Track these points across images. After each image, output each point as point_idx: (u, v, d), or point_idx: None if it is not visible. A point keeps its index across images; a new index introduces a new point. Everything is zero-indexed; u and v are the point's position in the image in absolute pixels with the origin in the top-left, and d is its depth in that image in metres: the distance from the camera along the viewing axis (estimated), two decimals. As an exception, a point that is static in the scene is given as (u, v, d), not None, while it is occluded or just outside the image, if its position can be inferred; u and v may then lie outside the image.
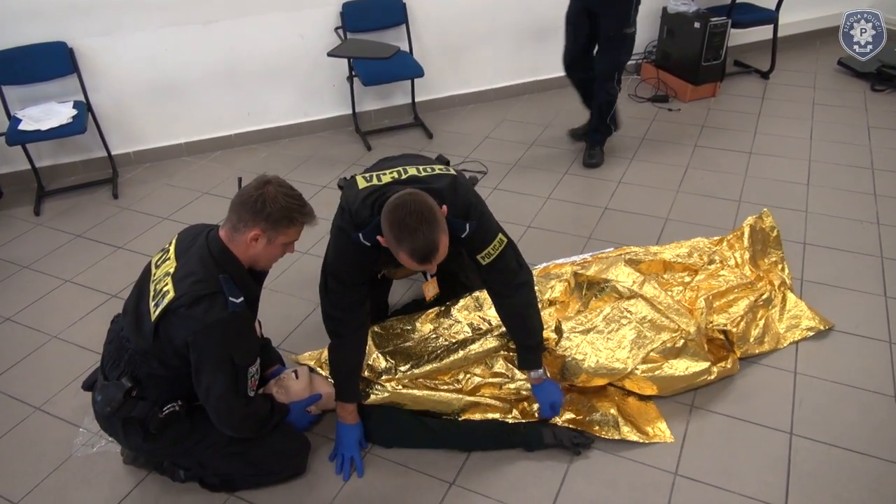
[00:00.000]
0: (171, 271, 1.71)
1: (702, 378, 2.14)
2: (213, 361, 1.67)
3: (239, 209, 1.70)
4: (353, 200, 1.85)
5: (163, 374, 1.74)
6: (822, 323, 2.40)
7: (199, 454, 1.87)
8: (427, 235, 1.65)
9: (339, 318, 1.99)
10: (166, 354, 1.70)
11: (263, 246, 1.73)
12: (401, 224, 1.65)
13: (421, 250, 1.65)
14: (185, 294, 1.64)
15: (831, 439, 2.01)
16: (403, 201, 1.67)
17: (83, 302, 2.77)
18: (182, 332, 1.63)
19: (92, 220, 3.35)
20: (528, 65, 4.45)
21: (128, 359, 1.76)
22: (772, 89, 4.39)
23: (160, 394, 1.78)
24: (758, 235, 2.70)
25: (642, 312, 2.21)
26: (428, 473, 1.98)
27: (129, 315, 1.77)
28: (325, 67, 3.89)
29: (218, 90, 3.80)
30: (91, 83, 3.51)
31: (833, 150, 3.63)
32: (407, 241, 1.65)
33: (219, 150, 3.97)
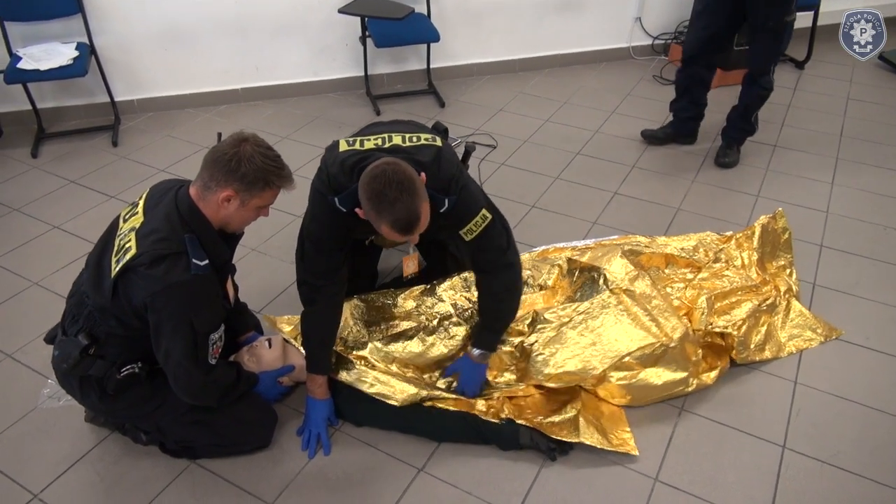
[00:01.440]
0: (136, 226, 1.62)
1: (678, 389, 2.01)
2: (172, 325, 1.58)
3: (211, 167, 1.60)
4: (331, 163, 1.75)
5: (121, 334, 1.66)
6: (828, 332, 2.27)
7: (159, 419, 1.80)
8: (408, 205, 1.57)
9: (314, 285, 1.90)
10: (125, 313, 1.61)
11: (236, 208, 1.63)
12: (380, 195, 1.57)
13: (402, 221, 1.58)
14: (145, 252, 1.55)
15: (826, 457, 1.90)
16: (382, 171, 1.57)
17: (69, 250, 2.70)
18: (141, 291, 1.55)
19: (88, 166, 3.28)
20: (549, 37, 4.27)
21: (86, 315, 1.68)
22: (805, 80, 4.17)
23: (119, 353, 1.70)
24: (768, 237, 2.53)
25: (625, 311, 2.05)
26: (396, 457, 1.90)
27: (90, 269, 1.69)
28: (337, 25, 3.75)
29: (227, 41, 3.68)
30: (96, 25, 3.40)
31: (863, 148, 3.44)
32: (387, 213, 1.58)
33: (224, 105, 3.86)
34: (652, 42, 4.47)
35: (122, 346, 1.70)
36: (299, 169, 3.19)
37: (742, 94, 3.17)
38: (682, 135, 3.47)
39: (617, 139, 3.55)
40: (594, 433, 1.88)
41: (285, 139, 3.49)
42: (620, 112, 3.83)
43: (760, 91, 3.09)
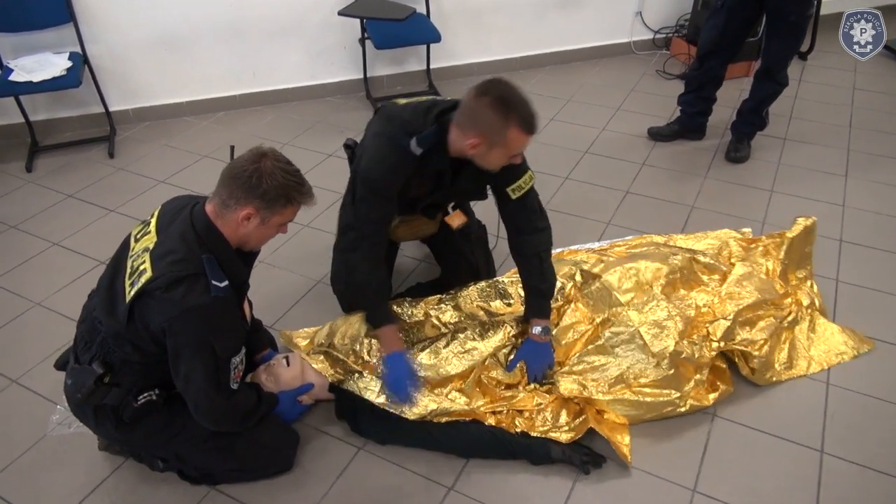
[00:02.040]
0: (150, 247, 1.54)
1: (667, 409, 1.93)
2: (192, 350, 1.51)
3: (230, 184, 1.52)
4: (401, 111, 1.83)
5: (138, 360, 1.58)
6: (859, 346, 2.18)
7: (177, 447, 1.72)
8: (528, 104, 1.68)
9: (362, 232, 1.90)
10: (141, 339, 1.54)
11: (255, 226, 1.56)
12: (505, 98, 1.65)
13: (532, 117, 1.68)
14: (162, 275, 1.47)
15: (865, 460, 1.85)
16: (498, 80, 1.68)
17: (70, 267, 2.61)
18: (158, 316, 1.47)
19: (85, 179, 3.19)
20: (549, 34, 4.20)
21: (100, 342, 1.60)
22: (809, 71, 4.13)
23: (135, 381, 1.62)
24: (796, 247, 2.42)
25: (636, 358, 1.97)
26: (424, 476, 1.83)
27: (101, 293, 1.61)
28: (336, 28, 3.67)
29: (223, 47, 3.59)
30: (89, 34, 3.31)
31: (874, 139, 3.40)
32: (519, 110, 1.66)
33: (222, 111, 3.77)
34: (653, 36, 4.41)
35: (138, 374, 1.62)
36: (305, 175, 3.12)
37: (755, 88, 3.12)
38: (690, 130, 3.41)
39: (624, 136, 3.50)
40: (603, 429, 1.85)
41: (287, 145, 3.41)
42: (625, 108, 3.77)
43: (775, 86, 3.04)
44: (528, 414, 1.94)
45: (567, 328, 2.06)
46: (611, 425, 1.90)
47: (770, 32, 2.96)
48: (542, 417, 1.93)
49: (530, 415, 1.94)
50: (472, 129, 1.70)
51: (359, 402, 1.90)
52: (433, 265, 2.52)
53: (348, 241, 1.96)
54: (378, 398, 1.86)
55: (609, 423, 1.91)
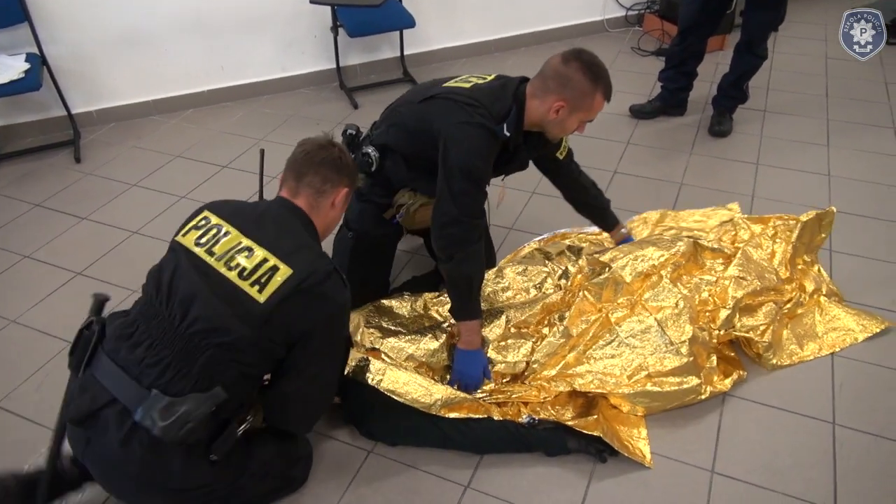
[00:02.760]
0: (251, 246, 1.41)
1: (690, 397, 1.90)
2: (334, 348, 1.51)
3: (319, 170, 1.53)
4: (477, 94, 1.81)
5: (256, 375, 1.43)
6: (870, 327, 2.13)
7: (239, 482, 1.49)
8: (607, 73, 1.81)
9: (469, 224, 1.82)
10: (275, 343, 1.39)
11: (340, 209, 1.61)
12: (591, 65, 1.77)
13: (611, 87, 1.81)
14: (314, 271, 1.39)
15: (877, 429, 1.85)
16: (582, 49, 1.81)
17: (45, 280, 2.48)
18: (312, 314, 1.40)
19: (52, 187, 3.04)
20: (522, 15, 4.14)
21: (205, 361, 1.35)
22: (782, 42, 4.14)
23: (240, 402, 1.43)
24: (807, 233, 2.34)
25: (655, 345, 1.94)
26: (439, 475, 1.77)
27: (204, 302, 1.37)
28: (306, 17, 3.55)
29: (189, 41, 3.45)
30: (46, 34, 3.14)
31: (851, 107, 3.42)
32: (605, 78, 1.79)
33: (191, 109, 3.63)
34: (626, 13, 4.39)
35: (245, 392, 1.43)
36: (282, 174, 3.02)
37: (735, 62, 3.10)
38: (672, 106, 3.40)
39: (606, 115, 3.38)
40: (613, 439, 1.78)
41: (262, 141, 3.29)
42: (604, 87, 3.73)
43: (755, 60, 3.03)
44: (532, 405, 1.90)
45: (576, 317, 2.02)
46: (625, 419, 1.87)
47: (749, 6, 2.94)
48: (546, 412, 1.88)
49: (533, 407, 1.90)
50: (558, 94, 1.77)
51: (368, 404, 1.83)
52: (426, 257, 2.45)
53: (455, 237, 1.82)
54: (384, 384, 1.77)
55: (623, 417, 1.87)
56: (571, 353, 1.98)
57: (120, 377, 1.35)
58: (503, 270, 2.18)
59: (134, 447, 1.31)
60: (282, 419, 1.55)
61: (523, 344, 1.97)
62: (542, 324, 2.00)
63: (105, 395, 1.35)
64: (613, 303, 2.06)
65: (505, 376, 1.96)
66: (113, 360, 1.37)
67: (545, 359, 1.96)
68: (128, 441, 1.32)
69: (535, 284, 2.13)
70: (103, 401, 1.34)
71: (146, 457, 1.32)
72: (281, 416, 1.55)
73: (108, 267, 2.54)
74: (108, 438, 1.32)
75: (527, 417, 1.84)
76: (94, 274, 2.51)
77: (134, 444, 1.32)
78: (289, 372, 1.45)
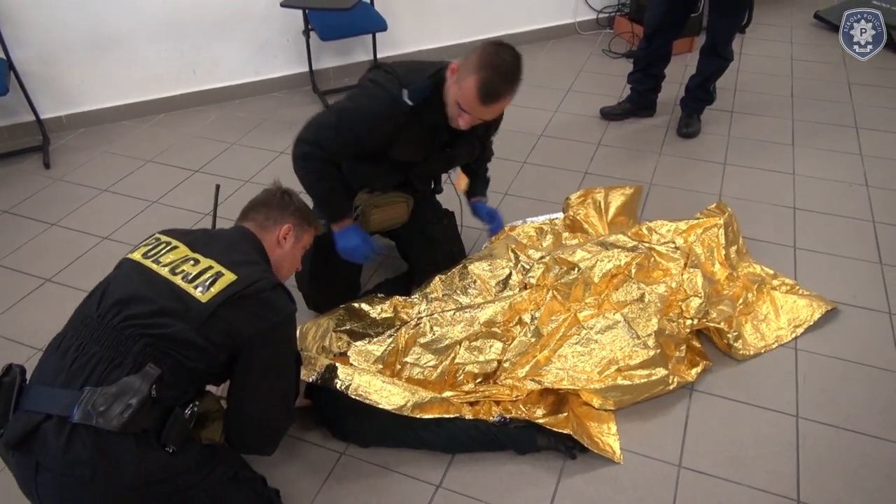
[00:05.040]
0: (198, 258, 1.42)
1: (658, 389, 1.94)
2: (282, 361, 1.49)
3: (262, 209, 1.63)
4: (395, 67, 1.85)
5: (200, 368, 1.36)
6: (821, 308, 2.21)
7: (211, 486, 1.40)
8: (506, 79, 1.70)
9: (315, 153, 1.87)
10: (214, 344, 1.35)
11: (290, 246, 1.63)
12: (492, 53, 1.69)
13: (489, 86, 1.68)
14: (260, 279, 1.40)
15: (839, 421, 1.90)
16: (507, 46, 1.73)
17: (12, 288, 2.45)
18: (255, 320, 1.37)
19: (21, 193, 3.00)
20: (495, 18, 4.17)
21: (139, 350, 1.30)
22: (749, 44, 4.22)
23: (182, 391, 1.36)
24: (730, 230, 2.45)
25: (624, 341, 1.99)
26: (411, 475, 1.79)
27: (133, 302, 1.35)
28: (277, 20, 3.55)
29: (159, 44, 3.42)
30: (12, 36, 3.10)
31: (815, 108, 3.50)
32: (486, 71, 1.67)
33: (162, 113, 3.61)
34: (597, 16, 4.44)
35: (188, 382, 1.38)
36: (255, 175, 3.02)
37: (701, 64, 3.16)
38: (641, 108, 3.44)
39: (577, 118, 3.50)
40: (582, 436, 1.80)
41: (234, 145, 3.28)
42: (576, 89, 3.78)
43: (721, 62, 3.09)
44: (503, 405, 1.92)
45: (546, 317, 2.04)
46: (596, 415, 1.90)
47: (714, 9, 2.99)
48: (518, 411, 1.90)
49: (505, 406, 1.92)
50: (458, 74, 1.77)
51: (339, 406, 1.84)
52: (399, 259, 2.46)
53: (300, 151, 1.90)
54: (352, 387, 1.76)
55: (594, 413, 1.90)
56: (542, 352, 2.01)
57: (49, 393, 1.27)
58: (467, 267, 2.19)
59: (78, 451, 1.23)
60: (243, 443, 1.51)
61: (493, 343, 1.99)
62: (512, 322, 2.02)
63: (37, 415, 1.26)
64: (581, 302, 2.10)
65: (477, 376, 1.98)
66: (39, 385, 1.30)
67: (516, 358, 1.99)
68: (70, 445, 1.23)
69: (501, 280, 2.14)
70: (37, 420, 1.25)
71: (94, 457, 1.23)
72: (242, 441, 1.50)
73: (78, 273, 2.51)
74: (51, 450, 1.23)
75: (497, 416, 1.86)
76: (63, 280, 2.48)
77: (77, 448, 1.23)
78: (241, 391, 1.43)
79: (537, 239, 2.48)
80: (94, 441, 1.23)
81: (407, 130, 1.87)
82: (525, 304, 2.06)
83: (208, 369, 1.39)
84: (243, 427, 1.48)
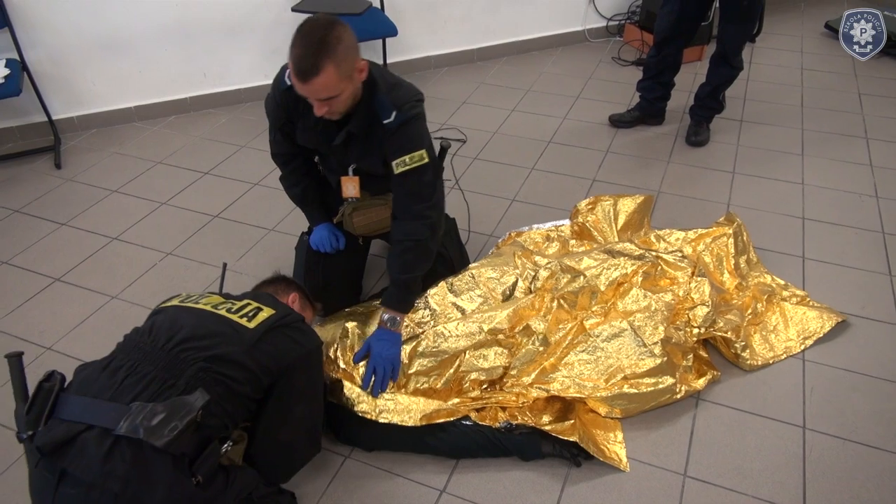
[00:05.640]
0: (234, 301, 1.59)
1: (665, 397, 1.93)
2: (318, 386, 1.63)
3: (270, 285, 1.88)
4: None
5: (241, 393, 1.39)
6: (831, 320, 2.20)
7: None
8: (314, 47, 1.56)
9: (272, 152, 2.10)
10: (260, 367, 1.43)
11: (299, 310, 1.78)
12: (299, 29, 1.60)
13: (300, 61, 1.57)
14: (292, 313, 1.60)
15: (846, 433, 1.88)
16: (319, 18, 1.63)
17: (21, 287, 2.47)
18: (297, 348, 1.53)
19: (32, 192, 3.03)
20: (505, 25, 4.18)
21: (193, 373, 1.34)
22: (759, 54, 4.21)
23: (225, 420, 1.38)
24: (739, 239, 2.45)
25: (631, 349, 1.97)
26: (415, 480, 1.79)
27: (184, 328, 1.43)
28: (288, 24, 3.56)
29: (171, 48, 3.45)
30: (26, 38, 3.13)
31: (825, 118, 3.48)
32: (295, 48, 1.58)
33: (173, 115, 3.64)
34: (606, 24, 4.44)
35: (230, 409, 1.38)
36: (264, 179, 3.03)
37: (711, 73, 3.15)
38: (651, 115, 3.44)
39: (586, 125, 3.50)
40: (588, 443, 1.80)
41: (244, 148, 3.30)
42: (584, 97, 3.78)
43: (731, 71, 3.08)
44: (510, 411, 1.92)
45: (554, 325, 2.04)
46: (602, 423, 1.89)
47: (724, 18, 2.99)
48: (524, 417, 1.90)
49: (512, 412, 1.92)
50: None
51: (346, 410, 1.84)
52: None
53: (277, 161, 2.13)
54: (358, 407, 1.81)
55: (600, 421, 1.90)
56: (549, 360, 2.00)
57: (95, 405, 1.28)
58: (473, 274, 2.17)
59: (116, 463, 1.22)
60: (267, 468, 1.53)
61: (499, 350, 1.99)
62: (517, 328, 2.01)
63: (79, 425, 1.25)
64: (588, 310, 2.09)
65: (483, 383, 1.98)
66: (83, 395, 1.30)
67: (523, 366, 1.98)
68: (109, 456, 1.23)
69: (507, 287, 2.14)
70: (78, 429, 1.25)
71: (130, 472, 1.23)
72: (266, 466, 1.53)
73: (86, 273, 2.53)
74: (88, 459, 1.22)
75: (503, 423, 1.86)
76: (72, 280, 2.50)
77: (116, 460, 1.23)
78: (275, 415, 1.49)
79: (543, 245, 2.48)
80: (134, 455, 1.23)
81: (301, 118, 1.89)
82: (530, 311, 2.05)
83: (252, 395, 1.44)
84: (272, 451, 1.53)
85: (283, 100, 1.86)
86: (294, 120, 1.92)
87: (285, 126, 1.96)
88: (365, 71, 1.72)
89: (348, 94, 1.69)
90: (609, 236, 2.53)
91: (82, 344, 2.22)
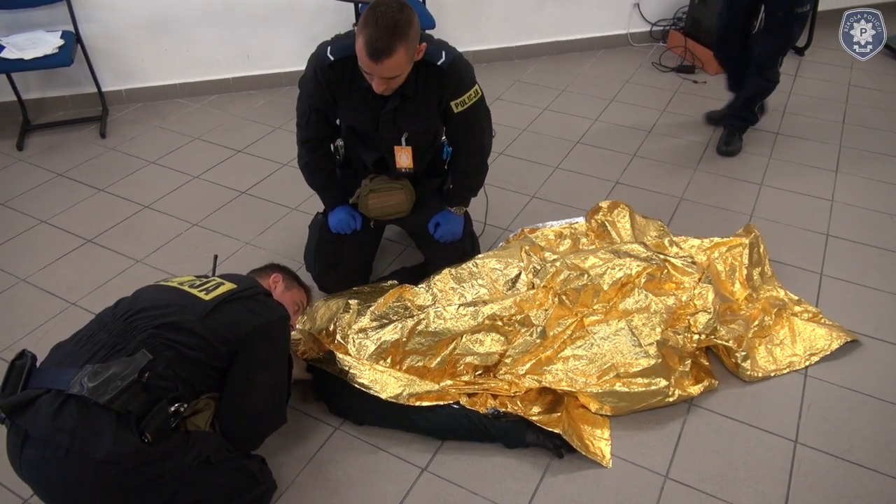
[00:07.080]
0: (206, 277, 1.69)
1: (657, 399, 1.93)
2: (281, 358, 1.65)
3: (256, 271, 1.93)
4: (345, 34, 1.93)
5: (194, 358, 1.45)
6: (840, 338, 2.15)
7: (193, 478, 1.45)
8: (388, 31, 1.63)
9: (299, 136, 2.10)
10: (215, 336, 1.48)
11: (281, 291, 1.85)
12: (373, 9, 1.65)
13: (374, 42, 1.64)
14: (255, 287, 1.65)
15: (839, 451, 1.85)
16: (392, 1, 1.67)
17: (56, 245, 2.62)
18: (252, 317, 1.55)
19: (76, 158, 3.19)
20: (547, 24, 4.19)
21: (143, 339, 1.42)
22: (806, 67, 4.12)
23: (177, 384, 1.42)
24: (755, 251, 2.42)
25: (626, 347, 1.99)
26: (399, 456, 1.84)
27: (143, 299, 1.55)
28: (330, 12, 3.65)
29: (217, 29, 3.58)
30: (82, 13, 3.30)
31: (866, 136, 3.39)
32: (369, 28, 1.64)
33: (215, 94, 3.77)
34: (650, 29, 4.40)
35: (182, 373, 1.44)
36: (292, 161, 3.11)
37: (746, 84, 3.11)
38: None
39: (617, 127, 3.49)
40: (573, 437, 1.81)
41: (278, 129, 3.40)
42: (619, 100, 3.76)
43: (765, 83, 3.04)
44: (501, 399, 1.95)
45: (554, 321, 2.06)
46: (591, 419, 1.90)
47: (762, 28, 2.95)
48: (514, 406, 1.93)
49: (503, 400, 1.95)
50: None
51: (339, 383, 1.90)
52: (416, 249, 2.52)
53: (297, 138, 2.13)
54: (349, 376, 1.86)
55: (589, 416, 1.91)
56: (545, 353, 2.02)
57: (56, 372, 1.38)
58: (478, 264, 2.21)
59: (65, 419, 1.31)
60: (233, 436, 1.56)
61: (496, 337, 2.02)
62: (516, 316, 2.03)
63: (39, 389, 1.36)
64: (589, 308, 2.10)
65: (477, 368, 2.01)
66: (49, 367, 1.42)
67: (519, 355, 2.01)
68: (59, 414, 1.32)
69: (510, 279, 2.17)
70: (38, 393, 1.35)
71: (77, 427, 1.31)
72: (232, 433, 1.56)
73: (116, 237, 2.66)
74: (41, 417, 1.32)
75: (491, 409, 1.89)
76: (103, 242, 2.63)
77: (65, 416, 1.31)
78: (238, 385, 1.52)
79: (555, 242, 2.49)
80: (81, 412, 1.33)
81: (346, 94, 1.92)
82: (530, 303, 2.08)
83: (209, 361, 1.48)
84: (237, 420, 1.56)
85: (326, 77, 1.89)
86: (337, 97, 1.94)
87: (326, 106, 1.97)
88: (423, 51, 1.81)
89: (408, 73, 1.80)
90: (625, 237, 2.53)
91: (104, 302, 2.28)
